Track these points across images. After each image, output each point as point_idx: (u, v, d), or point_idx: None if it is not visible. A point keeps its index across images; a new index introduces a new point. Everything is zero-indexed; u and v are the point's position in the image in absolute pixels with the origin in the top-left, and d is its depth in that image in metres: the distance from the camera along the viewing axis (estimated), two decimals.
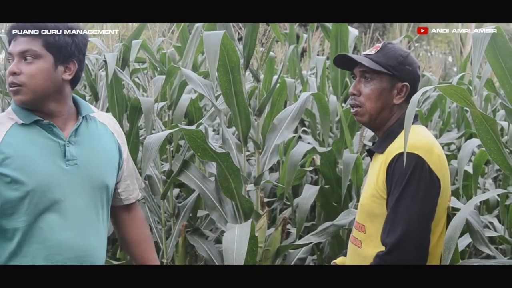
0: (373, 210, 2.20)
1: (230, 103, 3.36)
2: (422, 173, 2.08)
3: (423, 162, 2.09)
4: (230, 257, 2.73)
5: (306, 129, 5.66)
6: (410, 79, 2.29)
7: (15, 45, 2.09)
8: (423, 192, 2.08)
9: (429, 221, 2.10)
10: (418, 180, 2.08)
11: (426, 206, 2.09)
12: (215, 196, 3.57)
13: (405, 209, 2.07)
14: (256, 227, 3.26)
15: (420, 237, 2.07)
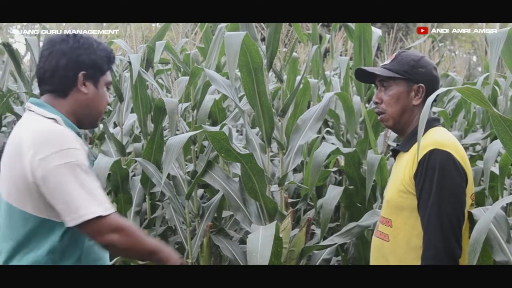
0: (400, 204, 2.32)
1: (253, 103, 3.37)
2: (454, 168, 2.20)
3: (453, 158, 2.21)
4: (254, 259, 2.74)
5: (330, 130, 5.65)
6: (425, 80, 2.41)
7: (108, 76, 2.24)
8: (456, 186, 2.21)
9: (463, 215, 2.23)
10: (451, 175, 2.20)
11: (458, 199, 2.21)
12: (239, 196, 3.58)
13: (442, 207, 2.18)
14: (280, 228, 3.26)
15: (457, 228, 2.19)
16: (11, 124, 5.70)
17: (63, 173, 1.95)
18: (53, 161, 1.95)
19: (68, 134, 2.04)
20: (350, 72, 5.13)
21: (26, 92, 4.84)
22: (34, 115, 2.11)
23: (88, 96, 2.16)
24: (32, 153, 1.96)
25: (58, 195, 1.96)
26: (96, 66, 2.16)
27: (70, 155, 1.98)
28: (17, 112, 4.91)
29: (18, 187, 2.01)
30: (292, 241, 3.37)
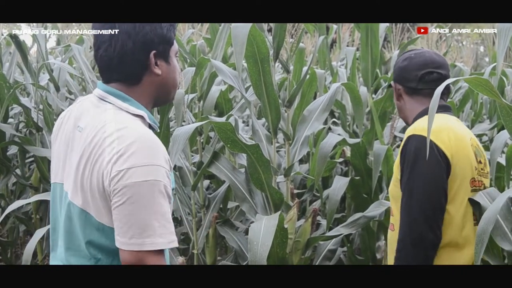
0: (395, 194, 2.37)
1: (260, 94, 3.36)
2: (430, 153, 2.10)
3: (430, 143, 2.16)
4: (254, 248, 2.72)
5: (336, 121, 5.64)
6: (395, 77, 2.58)
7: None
8: (430, 171, 2.21)
9: (439, 199, 2.22)
10: (424, 161, 2.14)
11: (433, 185, 2.21)
12: (245, 187, 3.58)
13: (413, 190, 2.22)
14: (286, 218, 3.26)
15: (430, 214, 2.20)
16: (18, 116, 5.71)
17: (139, 192, 1.73)
18: (133, 175, 1.73)
19: (159, 148, 1.82)
20: (357, 62, 5.12)
21: (33, 83, 4.84)
22: (116, 110, 1.88)
23: (163, 76, 1.94)
24: (115, 160, 1.75)
25: (122, 212, 1.75)
26: (164, 40, 1.93)
27: (153, 174, 1.75)
28: (24, 104, 4.92)
29: (93, 195, 1.80)
30: (297, 231, 3.37)
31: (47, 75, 5.07)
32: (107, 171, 1.75)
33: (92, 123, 1.86)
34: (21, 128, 5.63)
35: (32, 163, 5.57)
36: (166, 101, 2.07)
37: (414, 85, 2.47)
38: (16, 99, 4.85)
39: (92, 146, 1.80)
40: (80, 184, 1.82)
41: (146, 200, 1.74)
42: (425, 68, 2.46)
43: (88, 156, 1.80)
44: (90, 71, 4.54)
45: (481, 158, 2.42)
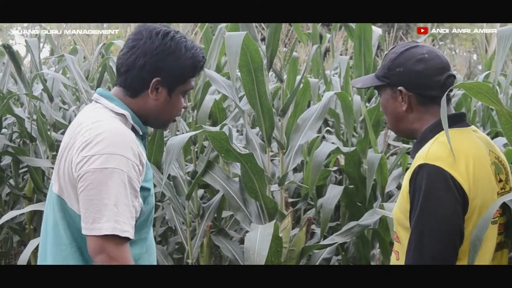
0: (403, 222, 2.02)
1: (253, 103, 3.37)
2: (444, 187, 1.88)
3: (445, 174, 1.88)
4: (251, 257, 2.74)
5: (330, 129, 5.65)
6: (403, 81, 2.06)
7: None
8: (444, 209, 1.88)
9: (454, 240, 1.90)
10: (438, 197, 1.88)
11: (447, 224, 1.89)
12: (240, 196, 3.58)
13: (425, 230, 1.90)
14: (280, 227, 3.26)
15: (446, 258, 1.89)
16: (11, 126, 5.70)
17: (98, 178, 1.80)
18: (95, 162, 1.81)
19: (128, 141, 1.88)
20: (350, 71, 5.14)
21: (26, 93, 4.84)
22: (102, 108, 1.98)
23: (157, 103, 2.00)
24: (82, 147, 1.84)
25: (84, 197, 1.82)
26: (176, 75, 1.99)
27: (116, 162, 1.82)
28: (18, 114, 4.92)
29: (65, 181, 1.89)
30: (292, 240, 3.37)
31: (41, 85, 5.07)
32: (75, 158, 1.85)
33: (77, 120, 1.99)
34: (14, 138, 5.62)
35: (25, 173, 5.55)
36: (157, 127, 2.18)
37: (436, 93, 2.01)
38: (10, 109, 4.84)
39: (69, 137, 1.93)
40: (57, 172, 1.92)
41: (106, 186, 1.81)
42: (446, 72, 2.04)
43: (65, 146, 1.92)
44: (84, 81, 4.54)
45: (502, 175, 2.06)
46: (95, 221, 1.80)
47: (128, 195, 1.84)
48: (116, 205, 1.81)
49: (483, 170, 1.96)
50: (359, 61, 4.44)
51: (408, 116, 2.09)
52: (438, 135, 2.00)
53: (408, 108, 2.08)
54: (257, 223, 3.38)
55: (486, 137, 2.15)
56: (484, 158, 2.00)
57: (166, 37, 1.95)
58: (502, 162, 2.10)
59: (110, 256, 1.80)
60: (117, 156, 1.83)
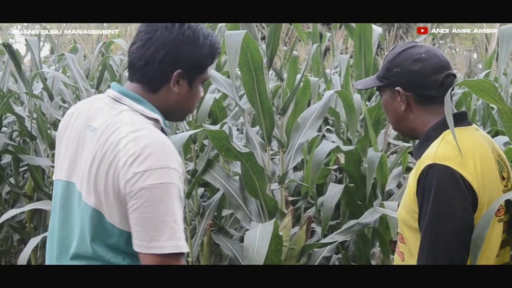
0: (409, 223, 2.02)
1: (253, 102, 3.37)
2: (453, 186, 1.88)
3: (454, 174, 1.89)
4: (250, 255, 2.72)
5: (330, 128, 5.65)
6: (401, 81, 2.07)
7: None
8: (455, 208, 1.88)
9: (466, 238, 1.88)
10: (448, 196, 1.88)
11: (458, 223, 1.88)
12: (240, 195, 3.58)
13: (438, 232, 1.89)
14: (280, 226, 3.26)
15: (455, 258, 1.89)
16: (12, 125, 5.71)
17: (154, 195, 1.73)
18: (149, 178, 1.72)
19: (173, 151, 1.80)
20: (350, 70, 5.14)
21: (27, 92, 4.84)
22: (131, 112, 1.86)
23: (180, 96, 1.92)
24: (130, 163, 1.73)
25: (140, 215, 1.74)
26: (196, 65, 1.91)
27: (168, 176, 1.75)
28: (18, 112, 4.92)
29: (107, 196, 1.78)
30: (292, 239, 3.37)
31: (41, 84, 5.06)
32: (123, 173, 1.74)
33: (106, 124, 1.84)
34: (14, 137, 5.63)
35: (26, 172, 5.55)
36: (176, 120, 2.07)
37: (434, 93, 2.03)
38: (10, 108, 4.84)
39: (106, 147, 1.79)
40: (94, 184, 1.79)
41: (163, 203, 1.74)
42: (444, 71, 2.04)
43: (102, 157, 1.79)
44: (84, 80, 4.54)
45: (504, 172, 2.06)
46: (153, 239, 1.73)
47: (180, 208, 1.79)
48: (175, 221, 1.75)
49: (488, 168, 1.97)
50: (359, 60, 4.44)
51: (408, 116, 2.10)
52: (443, 134, 2.00)
53: (407, 108, 2.09)
54: (257, 221, 3.38)
55: (487, 135, 2.16)
56: (489, 156, 2.01)
57: (183, 26, 1.88)
58: (504, 160, 2.10)
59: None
60: (168, 169, 1.75)
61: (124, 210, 1.77)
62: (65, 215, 1.91)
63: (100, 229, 1.81)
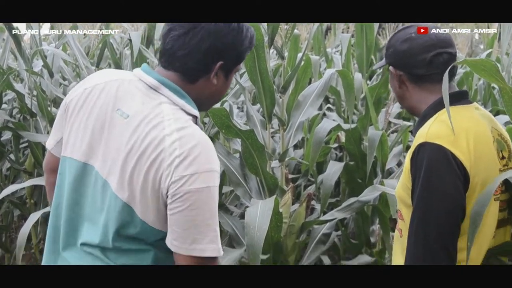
0: (405, 200, 2.03)
1: (254, 80, 3.37)
2: (445, 165, 1.88)
3: (446, 152, 1.89)
4: (251, 232, 2.73)
5: (331, 107, 5.65)
6: (392, 61, 2.14)
7: None
8: (446, 186, 1.88)
9: (457, 217, 1.90)
10: (439, 175, 1.88)
11: (450, 202, 1.88)
12: (240, 172, 3.59)
13: (427, 210, 1.90)
14: (280, 203, 3.27)
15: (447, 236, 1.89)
16: (12, 102, 5.70)
17: (200, 198, 1.71)
18: (196, 181, 1.69)
19: (215, 151, 1.78)
20: (352, 49, 5.12)
21: (27, 69, 4.82)
22: (172, 106, 1.79)
23: (216, 87, 1.87)
24: (177, 164, 1.69)
25: (184, 217, 1.71)
26: (238, 57, 1.86)
27: (213, 179, 1.73)
28: (18, 90, 4.91)
29: (144, 193, 1.73)
30: (292, 216, 3.38)
31: (41, 61, 5.05)
32: (167, 174, 1.70)
33: (143, 114, 1.77)
34: (14, 114, 5.62)
35: (26, 148, 5.56)
36: (203, 110, 1.97)
37: (423, 72, 2.05)
38: (10, 85, 4.84)
39: (147, 142, 1.73)
40: (129, 179, 1.74)
41: (207, 206, 1.73)
42: (433, 50, 2.04)
43: (142, 153, 1.73)
44: (84, 57, 4.53)
45: (505, 152, 2.05)
46: (195, 241, 1.72)
47: (217, 209, 1.79)
48: (216, 224, 1.76)
49: (484, 147, 1.96)
50: (360, 39, 4.43)
51: (405, 94, 2.13)
52: (438, 113, 2.00)
53: (402, 86, 2.13)
54: (257, 198, 3.38)
55: (488, 114, 2.15)
56: (486, 135, 2.00)
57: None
58: (505, 139, 2.10)
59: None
60: (214, 172, 1.73)
61: (160, 208, 1.75)
62: (77, 197, 1.86)
63: (128, 224, 1.78)
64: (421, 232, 1.91)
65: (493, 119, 2.14)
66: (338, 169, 3.96)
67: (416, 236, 1.93)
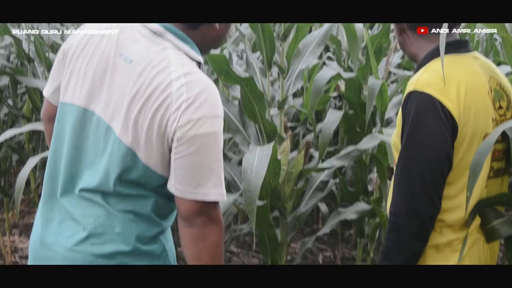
0: (399, 148, 2.03)
1: (254, 27, 3.33)
2: (432, 114, 1.88)
3: (434, 101, 1.88)
4: (248, 177, 2.73)
5: (331, 56, 5.60)
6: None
7: None
8: (432, 135, 1.89)
9: (442, 167, 1.91)
10: (426, 123, 1.89)
11: (435, 151, 1.89)
12: (239, 119, 3.58)
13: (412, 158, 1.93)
14: (279, 150, 3.27)
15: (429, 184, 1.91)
16: (9, 47, 5.65)
17: (206, 143, 1.74)
18: (203, 126, 1.71)
19: (220, 98, 1.79)
20: None
21: None
22: (176, 51, 1.79)
23: (217, 32, 1.88)
24: (184, 108, 1.71)
25: (189, 161, 1.74)
26: None
27: (219, 125, 1.76)
28: (15, 35, 4.85)
29: (149, 137, 1.74)
30: (290, 163, 3.39)
31: None
32: (174, 118, 1.71)
33: (148, 59, 1.77)
34: (12, 59, 5.58)
35: (24, 94, 5.54)
36: (204, 54, 1.97)
37: None
38: (7, 30, 4.78)
39: (153, 86, 1.73)
40: (134, 123, 1.75)
41: (213, 150, 1.76)
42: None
43: (148, 97, 1.73)
44: None
45: (503, 102, 2.05)
46: (199, 185, 1.75)
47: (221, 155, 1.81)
48: (221, 169, 1.79)
49: (477, 97, 1.95)
50: None
51: (405, 41, 2.13)
52: (430, 62, 2.00)
53: (402, 33, 2.13)
54: (255, 145, 3.38)
55: (489, 63, 2.13)
56: (481, 85, 1.99)
57: None
58: (505, 89, 2.09)
59: (210, 217, 1.79)
60: (219, 118, 1.77)
61: (164, 153, 1.76)
62: (77, 143, 1.86)
63: (130, 169, 1.79)
64: (404, 178, 1.94)
65: (494, 68, 2.12)
66: (337, 117, 3.94)
67: (399, 182, 1.96)
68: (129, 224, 1.83)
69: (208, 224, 1.79)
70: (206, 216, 1.78)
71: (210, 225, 1.79)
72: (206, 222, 1.78)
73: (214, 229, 1.80)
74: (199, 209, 1.77)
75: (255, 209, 2.62)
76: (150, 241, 1.87)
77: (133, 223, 1.84)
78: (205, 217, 1.78)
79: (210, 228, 1.79)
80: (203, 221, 1.78)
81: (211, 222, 1.79)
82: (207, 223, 1.78)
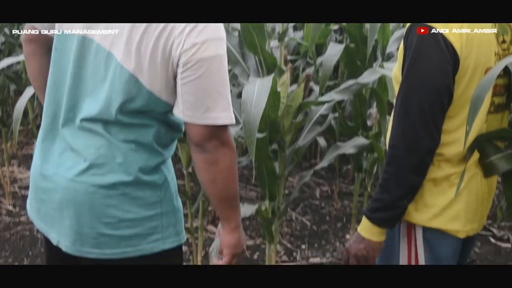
0: (399, 80, 2.02)
1: None
2: (434, 46, 1.87)
3: (435, 34, 1.87)
4: (248, 109, 2.70)
5: None
6: None
7: None
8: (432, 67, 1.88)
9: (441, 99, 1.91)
10: (426, 55, 1.89)
11: (435, 82, 1.89)
12: (238, 50, 3.53)
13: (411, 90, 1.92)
14: (279, 82, 3.24)
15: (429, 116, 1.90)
16: None
17: (213, 66, 1.72)
18: (208, 49, 1.70)
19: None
20: None
21: None
22: None
23: None
24: (188, 32, 1.69)
25: (196, 85, 1.72)
26: None
27: (223, 47, 1.75)
28: None
29: (153, 62, 1.73)
30: (290, 96, 3.36)
31: None
32: (179, 42, 1.70)
33: None
34: None
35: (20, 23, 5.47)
36: None
37: None
38: None
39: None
40: (136, 49, 1.73)
41: (219, 74, 1.75)
42: None
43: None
44: None
45: (506, 36, 2.02)
46: (208, 109, 1.74)
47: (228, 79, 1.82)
48: (228, 92, 1.79)
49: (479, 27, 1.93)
50: None
51: None
52: None
53: None
54: (255, 77, 3.35)
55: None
56: None
57: None
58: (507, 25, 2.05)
59: (222, 141, 1.79)
60: (223, 40, 1.76)
61: (169, 78, 1.76)
62: (78, 72, 1.84)
63: (134, 96, 1.77)
64: (404, 110, 1.93)
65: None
66: (338, 51, 3.90)
67: (399, 114, 1.95)
68: (131, 154, 1.83)
69: (220, 148, 1.80)
70: (218, 140, 1.79)
71: (222, 148, 1.80)
72: (218, 146, 1.80)
73: (226, 153, 1.81)
74: (210, 134, 1.77)
75: (254, 141, 2.61)
76: (152, 171, 1.87)
77: (135, 153, 1.83)
78: (216, 141, 1.79)
79: (223, 152, 1.81)
80: (215, 145, 1.79)
81: (223, 145, 1.81)
82: (219, 147, 1.80)
